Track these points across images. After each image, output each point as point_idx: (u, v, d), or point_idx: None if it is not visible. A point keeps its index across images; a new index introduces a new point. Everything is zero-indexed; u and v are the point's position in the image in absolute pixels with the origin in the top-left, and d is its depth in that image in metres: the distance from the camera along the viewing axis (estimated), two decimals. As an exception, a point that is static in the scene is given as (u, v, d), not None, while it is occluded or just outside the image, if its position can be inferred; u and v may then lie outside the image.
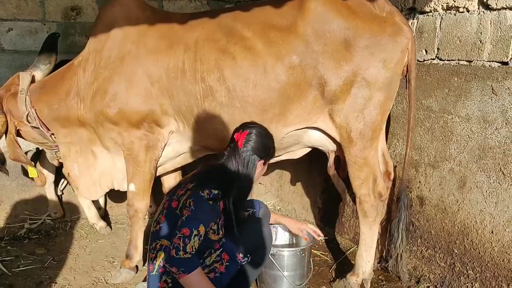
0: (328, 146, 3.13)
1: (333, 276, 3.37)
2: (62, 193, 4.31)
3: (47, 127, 3.36)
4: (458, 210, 2.94)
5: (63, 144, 3.40)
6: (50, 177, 4.09)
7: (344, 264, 3.50)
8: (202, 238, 2.30)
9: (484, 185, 2.78)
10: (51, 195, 4.16)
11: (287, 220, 3.13)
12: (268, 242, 2.70)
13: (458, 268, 2.96)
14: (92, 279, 3.30)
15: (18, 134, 3.43)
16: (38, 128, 3.35)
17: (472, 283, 2.87)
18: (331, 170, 3.24)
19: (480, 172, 2.80)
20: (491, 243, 2.75)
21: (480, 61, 2.78)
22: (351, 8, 2.84)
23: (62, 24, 4.94)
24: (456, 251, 2.97)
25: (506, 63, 2.63)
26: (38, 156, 4.09)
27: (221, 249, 2.48)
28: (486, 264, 2.78)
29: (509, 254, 2.65)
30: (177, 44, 3.02)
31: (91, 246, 3.83)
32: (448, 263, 3.03)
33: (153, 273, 2.45)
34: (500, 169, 2.68)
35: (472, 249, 2.87)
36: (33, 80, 3.42)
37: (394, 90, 2.91)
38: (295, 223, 3.10)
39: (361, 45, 2.79)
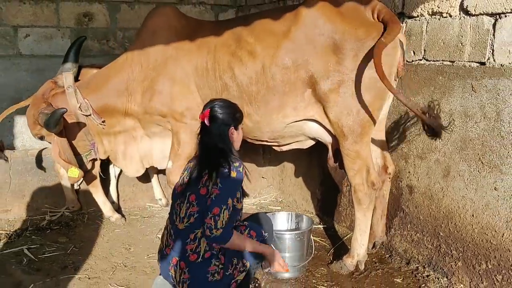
0: (326, 138, 3.40)
1: (331, 259, 3.67)
2: (79, 187, 4.61)
3: (98, 115, 3.78)
4: (443, 197, 3.24)
5: (108, 134, 3.90)
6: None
7: (341, 249, 3.79)
8: (231, 210, 2.57)
9: (465, 173, 3.08)
10: (67, 190, 4.46)
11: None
12: (271, 224, 3.05)
13: (443, 249, 3.26)
14: (111, 264, 3.60)
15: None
16: (90, 115, 3.76)
17: (455, 262, 3.17)
18: (331, 162, 3.48)
19: (462, 162, 3.09)
20: (472, 225, 3.05)
21: (461, 61, 3.06)
22: (342, 14, 3.11)
23: (75, 29, 5.25)
24: (441, 234, 3.27)
25: (483, 63, 2.92)
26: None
27: (248, 228, 2.77)
28: (468, 245, 3.08)
29: (487, 235, 2.95)
30: (203, 47, 3.53)
31: (108, 235, 4.14)
32: (434, 245, 3.33)
33: (199, 261, 2.60)
34: (479, 158, 2.98)
35: (455, 231, 3.17)
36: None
37: (383, 90, 3.03)
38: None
39: (348, 48, 3.04)
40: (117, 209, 4.64)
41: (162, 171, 4.47)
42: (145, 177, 4.74)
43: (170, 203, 2.91)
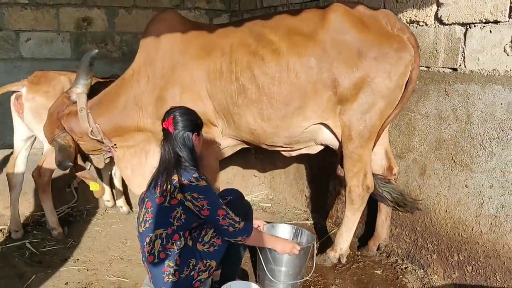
0: (336, 144, 3.42)
1: (316, 252, 3.87)
2: (78, 185, 4.81)
3: (109, 139, 3.67)
4: (420, 193, 3.46)
5: (120, 148, 3.75)
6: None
7: (327, 243, 4.00)
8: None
9: (440, 172, 3.30)
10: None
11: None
12: (251, 216, 3.14)
13: (420, 243, 3.48)
14: (108, 257, 3.80)
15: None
16: (101, 141, 3.67)
17: (431, 254, 3.39)
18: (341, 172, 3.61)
19: (437, 161, 3.31)
20: (446, 220, 3.27)
21: (436, 67, 3.28)
22: (366, 23, 3.18)
23: (74, 33, 5.46)
24: (418, 228, 3.48)
25: (455, 69, 3.14)
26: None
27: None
28: (442, 238, 3.30)
29: (459, 229, 3.17)
30: (215, 50, 3.42)
31: (106, 230, 4.34)
32: (412, 239, 3.55)
33: (155, 261, 2.72)
34: (452, 158, 3.20)
35: (431, 226, 3.39)
36: None
37: (394, 99, 3.21)
38: None
39: (371, 56, 3.11)
40: (114, 206, 4.84)
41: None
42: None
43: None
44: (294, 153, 3.77)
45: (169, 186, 2.67)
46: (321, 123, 3.38)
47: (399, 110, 3.26)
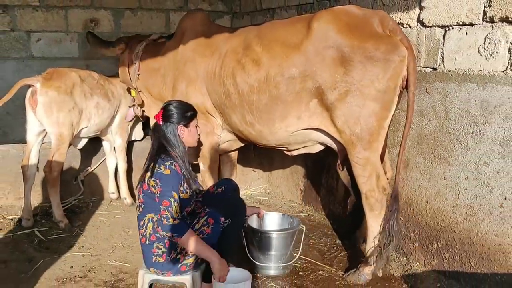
0: (334, 145, 3.46)
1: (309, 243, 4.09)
2: (84, 178, 5.07)
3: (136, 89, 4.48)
4: (404, 186, 3.65)
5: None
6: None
7: (320, 237, 4.23)
8: (178, 201, 2.85)
9: (421, 165, 3.49)
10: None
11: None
12: (242, 208, 3.32)
13: (403, 232, 3.67)
14: (111, 244, 4.05)
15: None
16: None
17: (413, 243, 3.59)
18: (340, 168, 3.56)
19: (419, 155, 3.51)
20: (426, 210, 3.47)
21: (419, 67, 3.44)
22: (352, 26, 3.14)
23: (82, 34, 5.71)
24: (402, 218, 3.67)
25: (435, 69, 3.33)
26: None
27: (207, 216, 3.01)
28: (423, 228, 3.50)
29: (437, 219, 3.37)
30: (216, 52, 3.79)
31: (109, 220, 4.59)
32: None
33: (146, 243, 2.95)
34: (432, 152, 3.39)
35: (413, 216, 3.59)
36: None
37: (389, 101, 3.14)
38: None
39: (356, 60, 3.07)
40: (117, 198, 5.09)
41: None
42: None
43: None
44: (295, 153, 3.82)
45: (148, 173, 2.90)
46: (312, 128, 3.41)
47: (409, 114, 3.15)
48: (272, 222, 3.81)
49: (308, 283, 3.40)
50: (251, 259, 3.54)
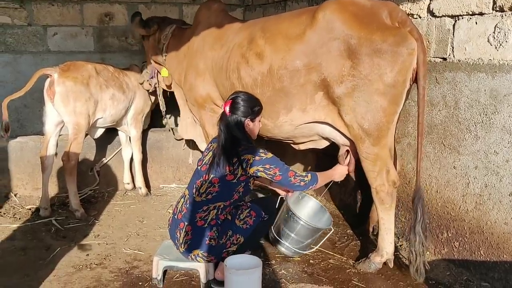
0: (339, 140, 3.40)
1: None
2: (100, 169, 5.18)
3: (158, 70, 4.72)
4: (414, 175, 3.66)
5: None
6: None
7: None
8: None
9: (431, 155, 3.52)
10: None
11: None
12: (274, 207, 3.50)
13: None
14: (126, 233, 4.14)
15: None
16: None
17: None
18: (342, 161, 3.47)
19: (429, 144, 3.53)
20: (436, 200, 3.49)
21: (429, 57, 3.46)
22: (358, 17, 3.06)
23: (97, 28, 5.81)
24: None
25: (445, 59, 3.34)
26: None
27: (249, 209, 3.22)
28: (433, 217, 3.52)
29: (447, 208, 3.39)
30: (225, 45, 3.82)
31: (124, 210, 4.69)
32: (407, 218, 3.78)
33: (205, 226, 3.08)
34: (442, 141, 3.41)
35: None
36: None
37: (398, 96, 3.07)
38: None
39: (362, 52, 2.99)
40: (133, 189, 5.19)
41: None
42: (159, 162, 5.35)
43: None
44: (302, 146, 3.80)
45: (243, 164, 3.00)
46: (318, 122, 3.38)
47: (421, 109, 3.10)
48: (307, 208, 3.85)
49: (319, 271, 3.45)
50: (271, 228, 3.62)
